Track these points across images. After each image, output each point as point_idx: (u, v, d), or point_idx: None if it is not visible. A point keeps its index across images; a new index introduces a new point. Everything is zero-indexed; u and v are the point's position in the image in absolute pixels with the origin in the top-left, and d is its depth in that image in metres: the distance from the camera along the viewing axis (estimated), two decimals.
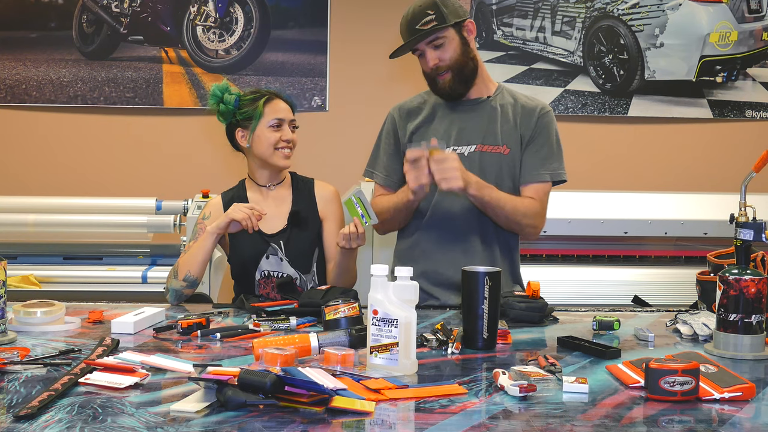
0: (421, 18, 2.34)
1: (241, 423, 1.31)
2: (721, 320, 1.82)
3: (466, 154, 2.41)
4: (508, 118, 2.44)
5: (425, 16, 2.34)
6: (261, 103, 2.47)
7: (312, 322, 2.07)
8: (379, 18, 4.57)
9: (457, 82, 2.41)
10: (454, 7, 2.38)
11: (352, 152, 4.61)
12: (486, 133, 2.43)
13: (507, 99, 2.48)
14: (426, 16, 2.34)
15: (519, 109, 2.45)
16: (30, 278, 3.50)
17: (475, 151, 2.41)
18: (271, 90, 2.54)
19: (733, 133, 4.76)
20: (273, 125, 2.47)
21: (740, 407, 1.44)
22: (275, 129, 2.47)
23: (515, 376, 1.54)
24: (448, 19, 2.34)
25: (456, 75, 2.40)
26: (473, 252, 2.40)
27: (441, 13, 2.34)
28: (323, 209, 2.54)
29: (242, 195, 2.55)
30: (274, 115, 2.48)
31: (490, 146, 2.42)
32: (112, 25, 4.57)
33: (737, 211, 1.89)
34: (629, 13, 4.65)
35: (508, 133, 2.43)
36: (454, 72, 2.39)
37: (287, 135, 2.49)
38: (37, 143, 4.61)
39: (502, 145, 2.42)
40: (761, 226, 1.85)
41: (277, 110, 2.49)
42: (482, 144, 2.42)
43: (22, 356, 1.70)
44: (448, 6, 2.36)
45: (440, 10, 2.34)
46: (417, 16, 2.35)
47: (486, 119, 2.44)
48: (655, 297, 3.08)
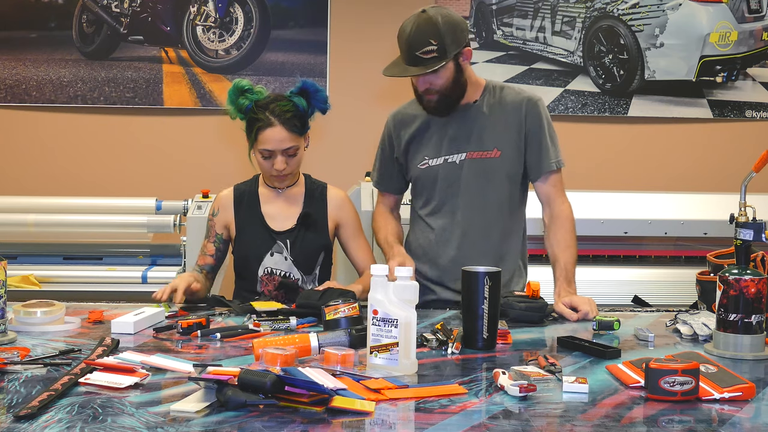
0: (423, 46, 2.25)
1: (241, 423, 1.31)
2: (721, 320, 1.82)
3: (458, 162, 2.42)
4: (498, 119, 2.43)
5: (427, 44, 2.25)
6: (254, 128, 2.40)
7: (312, 323, 2.07)
8: (379, 18, 4.58)
9: (443, 105, 2.39)
10: (455, 35, 2.28)
11: (352, 152, 4.62)
12: (475, 139, 2.43)
13: (495, 99, 2.45)
14: (428, 45, 2.25)
15: (507, 107, 2.44)
16: (30, 278, 3.50)
17: (465, 158, 2.42)
18: (276, 110, 2.38)
19: (733, 133, 4.76)
20: (264, 155, 2.42)
21: (740, 407, 1.44)
22: (266, 158, 2.42)
23: (515, 376, 1.54)
24: (449, 52, 2.28)
25: (443, 98, 2.38)
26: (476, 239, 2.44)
27: (443, 45, 2.26)
28: (335, 215, 2.54)
29: (254, 191, 2.55)
30: (263, 146, 2.40)
31: (479, 152, 2.42)
32: (112, 25, 4.57)
33: (737, 211, 1.89)
34: (629, 13, 4.65)
35: (499, 135, 2.42)
36: (442, 96, 2.37)
37: (278, 165, 2.41)
38: (37, 143, 4.61)
39: (492, 150, 2.42)
40: (761, 226, 1.85)
41: (268, 141, 2.38)
42: (472, 151, 2.42)
43: (22, 356, 1.70)
44: (452, 34, 2.27)
45: (443, 42, 2.25)
46: (418, 43, 2.26)
47: (475, 125, 2.43)
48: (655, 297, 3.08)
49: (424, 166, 2.46)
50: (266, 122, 2.38)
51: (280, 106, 2.39)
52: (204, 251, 2.54)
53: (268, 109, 2.39)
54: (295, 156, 2.44)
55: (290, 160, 2.43)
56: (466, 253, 2.41)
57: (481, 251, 2.40)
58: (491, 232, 2.44)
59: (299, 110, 2.40)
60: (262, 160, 2.43)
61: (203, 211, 3.47)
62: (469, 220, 2.43)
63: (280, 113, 2.38)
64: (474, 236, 2.43)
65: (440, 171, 2.44)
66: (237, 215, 2.53)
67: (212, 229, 2.53)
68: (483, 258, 2.30)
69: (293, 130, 2.40)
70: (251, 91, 2.42)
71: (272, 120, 2.38)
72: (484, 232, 2.43)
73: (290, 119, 2.39)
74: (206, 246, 2.54)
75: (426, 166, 2.46)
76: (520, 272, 2.50)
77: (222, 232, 2.53)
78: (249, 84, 2.44)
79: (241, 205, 2.53)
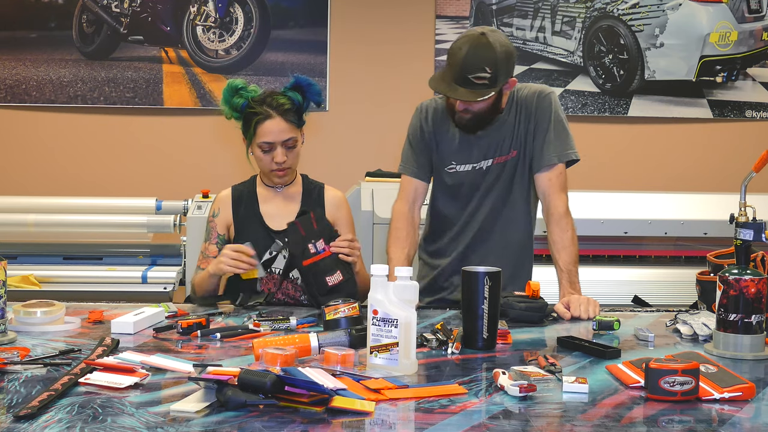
0: (476, 71, 2.24)
1: (241, 423, 1.31)
2: (721, 320, 1.82)
3: (485, 168, 2.45)
4: (513, 120, 2.45)
5: (481, 70, 2.24)
6: (253, 122, 2.41)
7: (312, 323, 2.07)
8: (379, 18, 4.58)
9: (474, 125, 2.40)
10: (508, 66, 2.29)
11: (352, 152, 4.63)
12: (499, 144, 2.45)
13: (513, 101, 2.46)
14: (482, 71, 2.24)
15: (521, 106, 2.45)
16: (30, 278, 3.50)
17: (493, 164, 2.45)
18: (274, 102, 2.41)
19: (733, 133, 4.76)
20: (263, 148, 2.43)
21: (740, 407, 1.44)
22: (266, 151, 2.43)
23: (515, 376, 1.54)
24: (499, 82, 2.28)
25: (475, 119, 2.38)
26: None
27: (495, 75, 2.25)
28: (332, 214, 2.54)
29: (252, 191, 2.56)
30: (263, 138, 2.41)
31: (503, 157, 2.45)
32: (112, 25, 4.57)
33: (737, 211, 1.89)
34: (629, 13, 4.65)
35: (515, 136, 2.45)
36: (475, 117, 2.38)
37: (278, 158, 2.42)
38: (37, 143, 4.61)
39: (512, 152, 2.45)
40: (761, 226, 1.85)
41: (267, 133, 2.40)
42: (497, 156, 2.45)
43: (22, 356, 1.70)
44: (506, 65, 2.28)
45: (497, 71, 2.25)
46: (472, 67, 2.24)
47: (499, 131, 2.45)
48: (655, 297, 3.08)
49: (451, 170, 2.48)
50: (265, 114, 2.40)
51: (277, 99, 2.43)
52: (206, 254, 2.53)
53: (265, 102, 2.42)
54: (294, 149, 2.46)
55: (289, 153, 2.45)
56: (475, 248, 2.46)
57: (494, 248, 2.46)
58: (509, 230, 2.48)
59: (295, 104, 2.44)
60: (261, 155, 2.44)
61: (203, 211, 3.47)
62: (491, 220, 2.48)
63: (278, 106, 2.41)
64: (492, 234, 2.48)
65: (466, 177, 2.47)
66: (236, 215, 2.53)
67: (213, 230, 2.53)
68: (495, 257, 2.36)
69: (292, 121, 2.43)
70: (245, 89, 2.45)
71: (270, 112, 2.41)
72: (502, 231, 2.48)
73: (288, 111, 2.42)
74: (208, 248, 2.53)
75: (453, 171, 2.48)
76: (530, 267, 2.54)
77: (224, 233, 2.53)
78: (243, 83, 2.46)
79: (240, 206, 2.53)
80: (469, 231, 2.49)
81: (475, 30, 2.31)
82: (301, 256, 2.30)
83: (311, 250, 2.28)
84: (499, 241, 2.47)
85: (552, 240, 2.41)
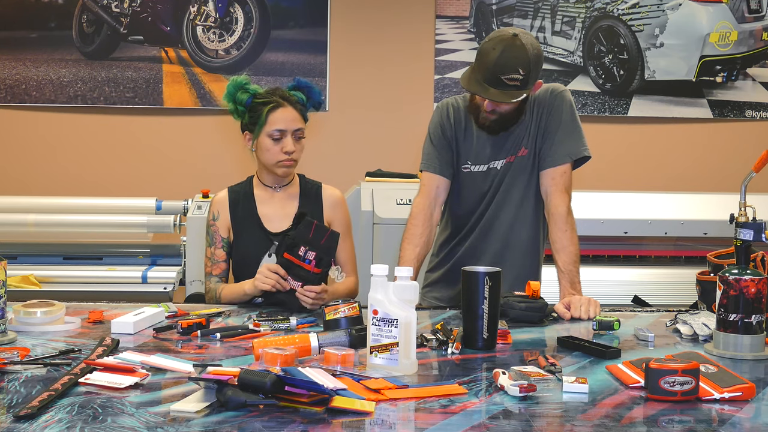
0: (510, 72, 2.25)
1: (241, 423, 1.31)
2: (721, 320, 1.82)
3: (499, 167, 2.46)
4: (528, 119, 2.46)
5: (515, 72, 2.25)
6: (265, 110, 2.42)
7: (312, 323, 2.07)
8: (379, 18, 4.58)
9: (498, 126, 2.41)
10: (538, 68, 2.30)
11: (352, 152, 4.63)
12: (513, 144, 2.46)
13: (530, 101, 2.46)
14: (515, 73, 2.25)
15: (534, 105, 2.46)
16: (30, 278, 3.50)
17: (506, 162, 2.46)
18: (284, 94, 2.45)
19: (733, 133, 4.76)
20: (274, 136, 2.43)
21: (740, 407, 1.44)
22: (276, 140, 2.43)
23: (515, 376, 1.54)
24: (530, 84, 2.29)
25: (500, 120, 2.39)
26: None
27: (528, 78, 2.26)
28: (329, 214, 2.54)
29: (249, 192, 2.55)
30: (275, 126, 2.41)
31: (515, 155, 2.46)
32: (112, 25, 4.58)
33: (737, 211, 1.89)
34: (629, 13, 4.65)
35: (529, 134, 2.46)
36: (501, 118, 2.38)
37: (288, 146, 2.42)
38: (37, 143, 4.61)
39: (523, 150, 2.46)
40: (761, 226, 1.85)
41: (279, 120, 2.42)
42: (511, 155, 2.46)
43: (22, 356, 1.70)
44: (536, 67, 2.29)
45: (529, 74, 2.26)
46: (506, 68, 2.25)
47: (514, 131, 2.46)
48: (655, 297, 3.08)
49: (466, 170, 2.49)
50: (277, 103, 2.43)
51: (285, 92, 2.47)
52: (214, 259, 2.50)
53: (275, 93, 2.46)
54: (301, 140, 2.48)
55: (297, 145, 2.46)
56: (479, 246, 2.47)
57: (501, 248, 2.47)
58: (517, 226, 2.49)
59: (300, 100, 2.48)
60: (270, 145, 2.44)
61: (203, 211, 3.46)
62: (501, 220, 2.48)
63: (288, 97, 2.46)
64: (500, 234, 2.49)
65: (479, 177, 2.48)
66: (233, 217, 2.52)
67: (217, 234, 2.51)
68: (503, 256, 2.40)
69: (301, 112, 2.47)
70: (249, 85, 2.47)
71: (282, 101, 2.44)
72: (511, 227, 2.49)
73: (297, 102, 2.47)
74: (215, 253, 2.50)
75: (468, 171, 2.49)
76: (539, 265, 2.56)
77: (227, 236, 2.52)
78: (247, 79, 2.48)
79: (237, 207, 2.52)
80: (478, 230, 2.50)
81: (506, 31, 2.30)
82: (289, 249, 2.28)
83: (300, 252, 2.26)
84: (508, 240, 2.48)
85: (551, 240, 2.41)
